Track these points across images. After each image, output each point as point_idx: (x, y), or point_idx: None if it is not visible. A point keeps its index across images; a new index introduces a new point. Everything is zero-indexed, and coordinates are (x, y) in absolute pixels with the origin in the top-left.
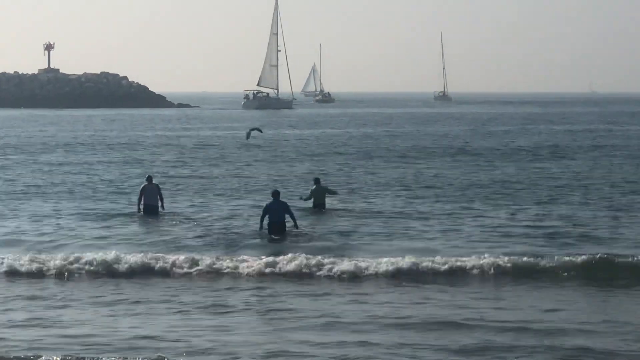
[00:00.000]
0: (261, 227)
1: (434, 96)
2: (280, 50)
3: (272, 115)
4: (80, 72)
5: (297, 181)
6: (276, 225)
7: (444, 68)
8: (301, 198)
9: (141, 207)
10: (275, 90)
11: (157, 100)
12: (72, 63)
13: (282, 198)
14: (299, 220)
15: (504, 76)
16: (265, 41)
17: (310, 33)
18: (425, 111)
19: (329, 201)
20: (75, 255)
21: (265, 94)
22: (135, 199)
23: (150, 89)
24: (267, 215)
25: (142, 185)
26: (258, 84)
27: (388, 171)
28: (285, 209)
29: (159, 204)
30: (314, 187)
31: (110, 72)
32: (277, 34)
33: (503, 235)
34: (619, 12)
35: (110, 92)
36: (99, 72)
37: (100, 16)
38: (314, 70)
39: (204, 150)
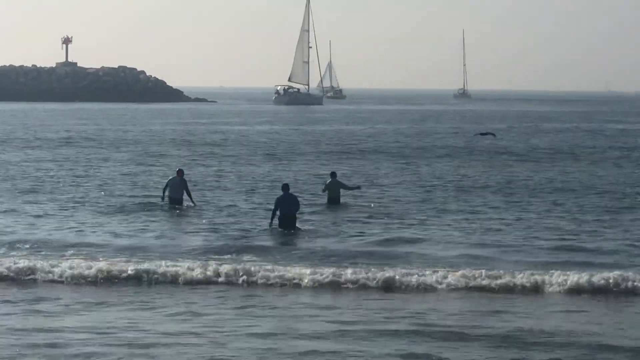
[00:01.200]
0: (272, 222)
1: (453, 94)
2: (311, 47)
3: (304, 111)
4: (98, 66)
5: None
6: (287, 217)
7: (464, 65)
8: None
9: (165, 197)
10: (306, 86)
11: (174, 95)
12: (90, 57)
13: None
14: (315, 215)
15: (520, 74)
16: (280, 37)
17: (336, 29)
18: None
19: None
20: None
21: (296, 90)
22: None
23: (167, 83)
24: (278, 209)
25: (170, 178)
26: (289, 80)
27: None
28: (295, 202)
29: (186, 198)
30: (329, 180)
31: (128, 66)
32: (308, 31)
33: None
34: (634, 11)
35: (128, 86)
36: (116, 66)
37: (118, 10)
38: (330, 66)
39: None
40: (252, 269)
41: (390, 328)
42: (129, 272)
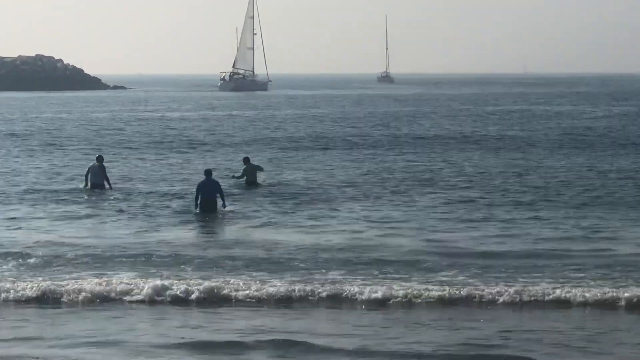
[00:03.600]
0: (196, 205)
1: (377, 77)
2: (256, 34)
3: (250, 97)
4: (15, 55)
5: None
6: (207, 201)
7: (387, 49)
8: (233, 176)
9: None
10: (251, 72)
11: (93, 83)
12: (6, 46)
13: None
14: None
15: (442, 57)
16: (198, 24)
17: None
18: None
19: None
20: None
21: (241, 76)
22: None
23: (85, 71)
24: (200, 193)
25: (90, 165)
26: (234, 66)
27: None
28: (216, 187)
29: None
30: (245, 166)
31: (46, 54)
32: (252, 17)
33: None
34: None
35: (46, 74)
36: (34, 55)
37: None
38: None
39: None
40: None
41: None
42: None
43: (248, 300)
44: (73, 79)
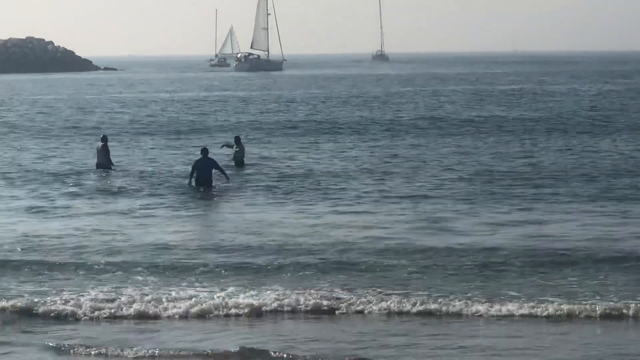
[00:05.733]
0: (190, 181)
1: (372, 56)
2: (270, 14)
3: (265, 77)
4: (5, 37)
5: None
6: (202, 179)
7: (381, 28)
8: (223, 146)
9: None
10: (266, 52)
11: (83, 65)
12: None
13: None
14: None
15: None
16: (178, 4)
17: None
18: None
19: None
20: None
21: (256, 56)
22: None
23: (77, 53)
24: (195, 170)
25: (96, 146)
26: (251, 47)
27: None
28: (214, 165)
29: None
30: (235, 145)
31: (36, 36)
32: None
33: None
34: None
35: (36, 56)
36: (24, 37)
37: None
38: (231, 32)
39: None
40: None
41: None
42: None
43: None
44: (64, 60)
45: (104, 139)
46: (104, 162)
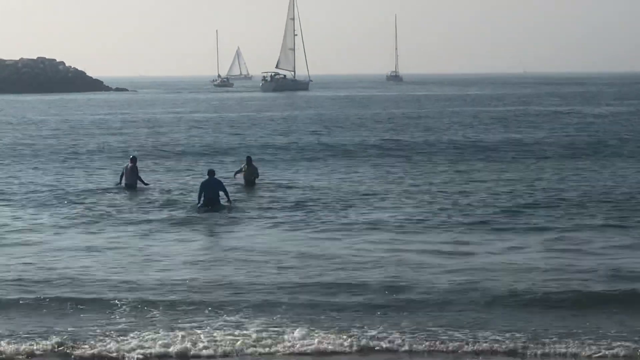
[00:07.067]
0: (199, 201)
1: (386, 77)
2: (297, 35)
3: (290, 97)
4: (17, 58)
5: None
6: (210, 200)
7: (396, 49)
8: (235, 173)
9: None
10: (292, 72)
11: (94, 85)
12: (7, 48)
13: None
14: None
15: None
16: (180, 25)
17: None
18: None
19: None
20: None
21: (282, 76)
22: None
23: (88, 73)
24: (203, 192)
25: (124, 166)
26: (277, 67)
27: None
28: (219, 186)
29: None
30: (246, 165)
31: (47, 57)
32: (293, 19)
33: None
34: None
35: (47, 77)
36: (35, 58)
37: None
38: (238, 53)
39: None
40: None
41: None
42: None
43: None
44: (75, 81)
45: (134, 160)
46: (132, 183)
